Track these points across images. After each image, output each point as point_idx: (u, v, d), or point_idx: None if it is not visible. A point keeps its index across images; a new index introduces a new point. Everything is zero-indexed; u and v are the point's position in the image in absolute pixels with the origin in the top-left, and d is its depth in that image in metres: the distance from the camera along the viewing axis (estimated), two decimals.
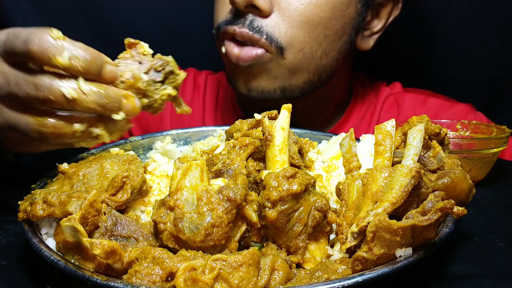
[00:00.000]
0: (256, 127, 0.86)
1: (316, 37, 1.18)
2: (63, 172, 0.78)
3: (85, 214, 0.65)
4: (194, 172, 0.66)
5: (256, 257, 0.58)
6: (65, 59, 0.70)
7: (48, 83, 0.71)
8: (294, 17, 1.14)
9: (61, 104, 0.72)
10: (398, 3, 1.31)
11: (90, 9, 1.71)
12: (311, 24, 1.16)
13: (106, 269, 0.62)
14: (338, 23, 1.19)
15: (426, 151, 0.80)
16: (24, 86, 0.72)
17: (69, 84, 0.71)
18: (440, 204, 0.61)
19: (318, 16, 1.15)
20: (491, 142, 1.06)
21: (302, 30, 1.16)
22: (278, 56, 1.17)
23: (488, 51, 1.64)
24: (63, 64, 0.70)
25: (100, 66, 0.74)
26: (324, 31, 1.18)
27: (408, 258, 0.62)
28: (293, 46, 1.17)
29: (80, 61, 0.71)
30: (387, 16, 1.31)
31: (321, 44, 1.20)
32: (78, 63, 0.71)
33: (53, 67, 0.71)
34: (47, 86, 0.71)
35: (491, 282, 0.70)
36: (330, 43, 1.21)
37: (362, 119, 1.47)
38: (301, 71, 1.22)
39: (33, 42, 0.69)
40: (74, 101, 0.71)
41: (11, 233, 0.88)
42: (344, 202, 0.73)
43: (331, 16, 1.17)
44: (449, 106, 1.47)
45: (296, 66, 1.20)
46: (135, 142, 1.08)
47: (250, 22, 1.14)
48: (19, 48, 0.71)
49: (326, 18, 1.16)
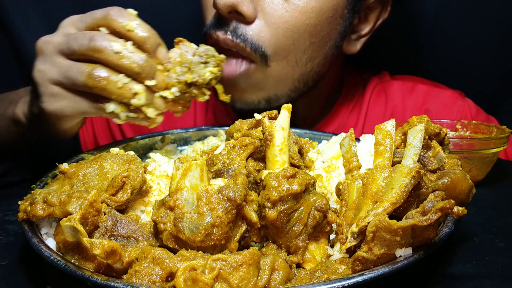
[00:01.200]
0: (256, 127, 0.86)
1: (301, 44, 1.15)
2: (63, 172, 0.78)
3: (85, 214, 0.65)
4: (194, 172, 0.66)
5: (256, 257, 0.59)
6: (133, 25, 0.87)
7: (102, 36, 0.86)
8: (278, 24, 1.11)
9: (108, 57, 0.85)
10: (387, 6, 1.27)
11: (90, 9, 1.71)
12: (296, 32, 1.12)
13: (106, 269, 0.62)
14: (324, 30, 1.16)
15: (426, 151, 0.80)
16: (80, 39, 0.87)
17: (120, 42, 0.86)
18: (440, 204, 0.61)
19: (303, 23, 1.12)
20: (491, 142, 1.06)
21: (286, 37, 1.12)
22: (262, 65, 1.14)
23: (488, 51, 1.64)
24: (130, 27, 0.87)
25: (156, 45, 0.89)
26: (310, 38, 1.15)
27: (408, 258, 0.62)
28: (278, 54, 1.13)
29: (143, 31, 0.88)
30: (375, 19, 1.28)
31: (305, 51, 1.16)
32: (140, 31, 0.87)
33: (116, 31, 0.88)
34: (101, 38, 0.86)
35: (491, 282, 0.70)
36: (316, 49, 1.18)
37: (352, 110, 1.45)
38: (286, 79, 1.19)
39: (113, 9, 0.89)
40: (119, 56, 0.85)
41: (11, 233, 0.88)
42: (344, 202, 0.73)
43: (316, 23, 1.13)
44: (438, 93, 1.45)
45: (280, 74, 1.17)
46: (135, 142, 1.08)
47: (233, 29, 1.11)
48: (100, 14, 0.90)
49: (311, 25, 1.13)
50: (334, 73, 1.40)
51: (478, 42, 1.64)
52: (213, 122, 1.51)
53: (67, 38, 0.90)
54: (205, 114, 1.53)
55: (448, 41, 1.65)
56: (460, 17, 1.62)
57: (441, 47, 1.67)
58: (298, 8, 1.11)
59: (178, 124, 1.50)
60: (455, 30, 1.64)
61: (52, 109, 0.91)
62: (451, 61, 1.68)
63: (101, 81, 0.85)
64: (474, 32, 1.63)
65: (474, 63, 1.66)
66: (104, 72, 0.86)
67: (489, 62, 1.65)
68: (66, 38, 0.90)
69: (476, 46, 1.64)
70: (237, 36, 1.10)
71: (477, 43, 1.64)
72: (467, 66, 1.66)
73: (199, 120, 1.52)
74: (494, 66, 1.65)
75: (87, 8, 1.73)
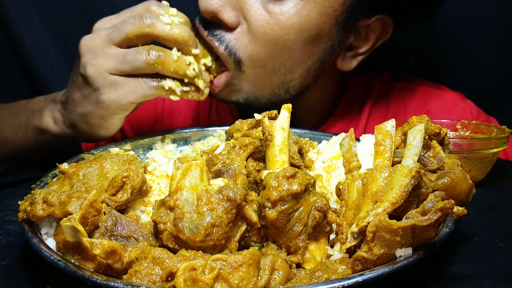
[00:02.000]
0: (256, 127, 0.86)
1: (279, 56, 1.14)
2: (63, 172, 0.78)
3: (85, 214, 0.65)
4: (194, 172, 0.66)
5: (256, 257, 0.59)
6: (173, 11, 1.03)
7: (150, 13, 1.00)
8: (258, 34, 1.10)
9: (160, 30, 0.98)
10: (388, 29, 1.26)
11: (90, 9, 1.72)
12: (274, 44, 1.12)
13: (106, 269, 0.62)
14: (305, 47, 1.15)
15: (426, 151, 0.80)
16: (130, 22, 0.99)
17: (166, 16, 1.01)
18: (440, 204, 0.61)
19: (282, 38, 1.11)
20: (491, 142, 1.06)
21: (264, 47, 1.12)
22: (236, 71, 1.14)
23: (488, 51, 1.64)
24: (172, 12, 1.02)
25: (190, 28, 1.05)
26: (289, 52, 1.14)
27: (408, 258, 0.62)
28: (254, 61, 1.14)
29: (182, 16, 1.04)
30: (375, 40, 1.26)
31: (284, 63, 1.16)
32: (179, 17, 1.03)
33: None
34: (149, 14, 0.99)
35: (491, 282, 0.70)
36: (296, 63, 1.17)
37: (355, 113, 1.46)
38: (264, 84, 1.19)
39: (152, 2, 1.04)
40: (170, 27, 0.99)
41: (11, 233, 0.88)
42: (344, 202, 0.73)
43: (296, 39, 1.13)
44: (439, 95, 1.45)
45: (257, 80, 1.17)
46: (135, 142, 1.08)
47: (213, 31, 1.12)
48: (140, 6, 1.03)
49: (290, 40, 1.12)
50: (335, 78, 1.41)
51: (478, 42, 1.64)
52: (217, 121, 1.51)
53: (114, 28, 0.99)
54: (208, 114, 1.53)
55: (448, 41, 1.65)
56: (461, 17, 1.62)
57: (441, 47, 1.67)
58: (279, 22, 1.10)
59: (181, 124, 1.51)
60: (455, 30, 1.64)
61: (114, 98, 0.99)
62: (451, 61, 1.68)
63: (160, 56, 0.97)
64: (474, 32, 1.63)
65: (474, 63, 1.66)
66: (159, 49, 0.97)
67: (489, 62, 1.65)
68: (113, 28, 0.99)
69: (476, 46, 1.64)
70: (216, 38, 1.11)
71: (477, 43, 1.64)
72: (467, 66, 1.66)
73: (202, 119, 1.53)
74: (494, 66, 1.66)
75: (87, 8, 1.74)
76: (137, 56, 0.97)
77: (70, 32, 1.72)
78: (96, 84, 0.98)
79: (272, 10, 1.10)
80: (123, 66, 0.97)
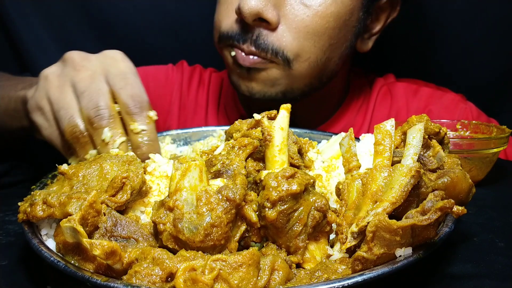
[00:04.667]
0: (255, 127, 0.86)
1: (321, 46, 1.20)
2: (62, 173, 0.78)
3: (85, 215, 0.65)
4: (193, 172, 0.66)
5: (256, 257, 0.58)
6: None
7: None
8: (300, 29, 1.16)
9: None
10: (396, 6, 1.33)
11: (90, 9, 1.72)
12: (317, 35, 1.18)
13: (106, 269, 0.62)
14: (341, 32, 1.21)
15: (426, 150, 0.80)
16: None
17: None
18: (440, 204, 0.61)
19: (323, 27, 1.17)
20: (491, 142, 1.06)
21: (308, 40, 1.18)
22: (285, 67, 1.19)
23: (488, 51, 1.64)
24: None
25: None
26: (329, 40, 1.20)
27: (408, 258, 0.62)
28: (300, 56, 1.19)
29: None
30: (385, 19, 1.34)
31: (325, 52, 1.22)
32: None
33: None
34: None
35: (491, 282, 0.70)
36: (333, 50, 1.23)
37: (358, 111, 1.49)
38: (305, 77, 1.24)
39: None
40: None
41: (11, 233, 0.88)
42: (344, 202, 0.73)
43: (335, 26, 1.19)
44: (440, 96, 1.48)
45: (302, 74, 1.22)
46: None
47: (256, 38, 1.16)
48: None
49: (330, 28, 1.18)
50: (343, 74, 1.44)
51: (478, 42, 1.64)
52: (224, 119, 1.53)
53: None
54: (217, 112, 1.55)
55: (448, 41, 1.65)
56: (461, 17, 1.62)
57: (441, 47, 1.67)
58: (318, 13, 1.16)
59: (189, 121, 1.52)
60: (455, 30, 1.64)
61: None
62: (451, 61, 1.68)
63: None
64: (475, 32, 1.63)
65: (474, 63, 1.66)
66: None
67: (489, 62, 1.65)
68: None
69: (476, 46, 1.64)
70: (259, 46, 1.16)
71: (478, 43, 1.64)
72: (467, 66, 1.66)
73: (211, 117, 1.55)
74: (494, 66, 1.65)
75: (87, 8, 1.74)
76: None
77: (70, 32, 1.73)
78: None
79: (310, 3, 1.15)
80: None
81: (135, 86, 0.89)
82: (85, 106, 0.86)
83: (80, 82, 0.88)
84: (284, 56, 1.17)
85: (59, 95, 0.88)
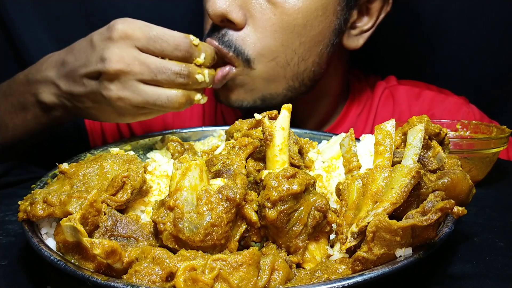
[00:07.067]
0: (256, 127, 0.86)
1: (290, 44, 1.16)
2: (63, 172, 0.78)
3: (85, 214, 0.65)
4: (193, 172, 0.66)
5: (256, 257, 0.59)
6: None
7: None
8: (266, 28, 1.13)
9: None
10: (389, 0, 1.27)
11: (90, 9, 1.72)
12: (283, 33, 1.14)
13: (106, 269, 0.62)
14: (314, 29, 1.17)
15: (426, 151, 0.80)
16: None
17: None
18: (440, 204, 0.61)
19: (290, 24, 1.13)
20: (491, 142, 1.06)
21: (274, 39, 1.14)
22: (246, 69, 1.15)
23: (488, 51, 1.64)
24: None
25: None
26: (299, 38, 1.16)
27: (408, 258, 0.62)
28: (264, 56, 1.15)
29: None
30: (377, 13, 1.27)
31: (296, 51, 1.18)
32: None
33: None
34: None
35: (491, 282, 0.70)
36: (307, 49, 1.19)
37: (360, 114, 1.46)
38: (278, 79, 1.20)
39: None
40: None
41: (11, 233, 0.88)
42: (344, 202, 0.73)
43: (305, 23, 1.15)
44: (443, 99, 1.46)
45: (270, 75, 1.18)
46: (135, 142, 1.08)
47: (221, 36, 1.14)
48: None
49: (299, 25, 1.14)
50: (339, 75, 1.41)
51: (478, 42, 1.64)
52: (222, 122, 1.52)
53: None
54: (214, 114, 1.54)
55: (448, 41, 1.65)
56: (461, 18, 1.62)
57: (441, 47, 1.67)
58: (285, 10, 1.12)
59: (187, 123, 1.52)
60: (455, 31, 1.63)
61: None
62: (451, 61, 1.67)
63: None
64: (475, 32, 1.62)
65: (474, 64, 1.66)
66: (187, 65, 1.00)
67: (489, 62, 1.65)
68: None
69: (476, 46, 1.64)
70: (223, 42, 1.13)
71: (478, 43, 1.64)
72: (468, 66, 1.66)
73: (208, 119, 1.54)
74: (494, 67, 1.65)
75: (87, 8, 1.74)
76: (172, 67, 0.97)
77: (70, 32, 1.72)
78: (120, 112, 0.99)
79: (276, 1, 1.12)
80: (157, 76, 0.96)
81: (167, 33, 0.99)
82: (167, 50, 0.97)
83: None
84: (244, 56, 1.13)
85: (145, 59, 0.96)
